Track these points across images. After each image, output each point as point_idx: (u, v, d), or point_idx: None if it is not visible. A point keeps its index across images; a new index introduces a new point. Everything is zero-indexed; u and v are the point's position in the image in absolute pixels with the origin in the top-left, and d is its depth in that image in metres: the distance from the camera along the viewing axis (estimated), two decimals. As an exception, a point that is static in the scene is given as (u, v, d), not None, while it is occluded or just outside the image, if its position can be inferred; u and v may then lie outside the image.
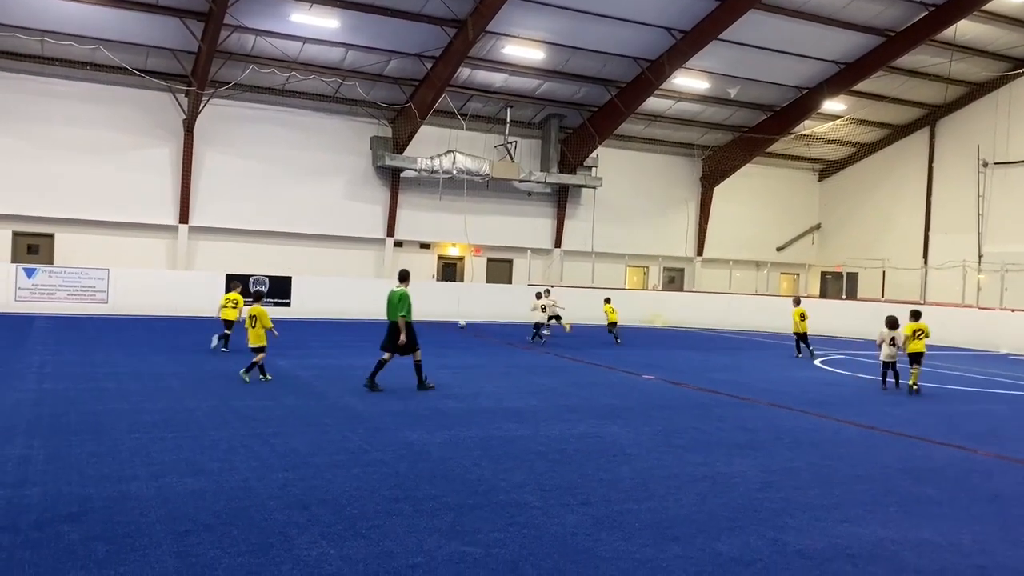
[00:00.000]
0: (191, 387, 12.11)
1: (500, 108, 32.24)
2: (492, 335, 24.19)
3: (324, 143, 30.65)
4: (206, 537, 5.66)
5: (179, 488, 6.80)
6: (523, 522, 6.29)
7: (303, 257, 30.37)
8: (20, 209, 26.45)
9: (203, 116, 27.99)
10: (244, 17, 24.75)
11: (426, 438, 9.16)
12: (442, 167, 30.94)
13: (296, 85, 28.84)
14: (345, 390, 12.40)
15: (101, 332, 20.05)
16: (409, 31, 26.49)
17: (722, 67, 30.38)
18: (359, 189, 31.48)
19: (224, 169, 29.15)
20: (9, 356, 14.78)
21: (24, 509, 6.06)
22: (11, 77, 26.16)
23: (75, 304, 25.38)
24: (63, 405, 10.23)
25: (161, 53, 26.34)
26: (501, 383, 14.05)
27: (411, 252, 32.82)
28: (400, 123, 30.94)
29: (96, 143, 27.34)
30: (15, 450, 7.80)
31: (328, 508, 6.43)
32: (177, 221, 28.53)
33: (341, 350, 18.06)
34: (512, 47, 28.10)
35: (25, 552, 5.22)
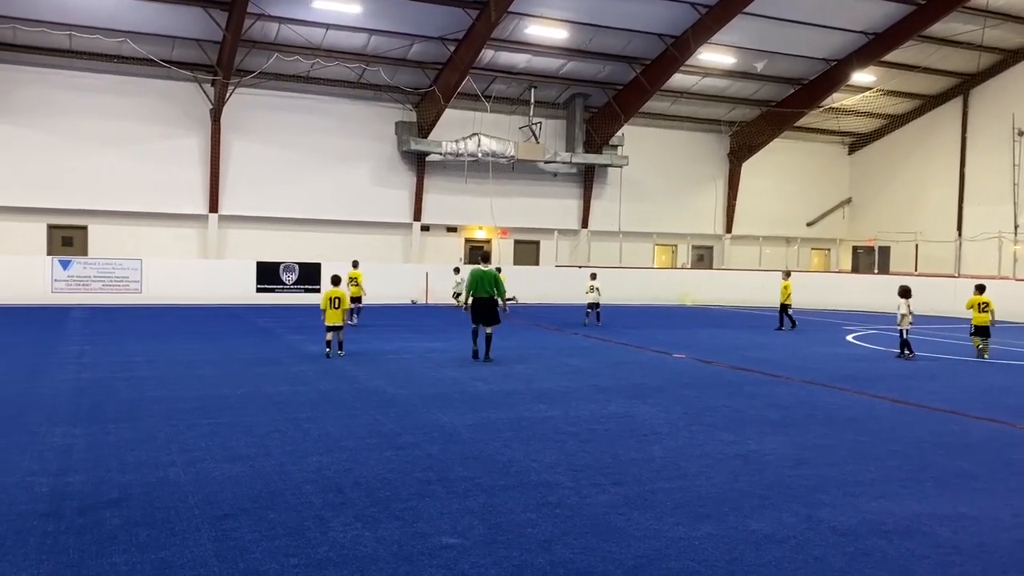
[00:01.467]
0: (225, 374, 12.28)
1: (524, 89, 32.09)
2: (521, 317, 24.21)
3: (349, 129, 30.74)
4: (243, 521, 5.76)
5: (216, 473, 6.91)
6: (555, 502, 6.32)
7: (332, 243, 30.57)
8: (53, 202, 26.88)
9: (229, 105, 28.18)
10: (267, 5, 24.82)
11: (457, 420, 9.22)
12: (467, 150, 30.91)
13: (320, 72, 28.91)
14: (376, 374, 12.50)
15: (135, 321, 20.37)
16: (431, 14, 26.41)
17: (748, 41, 29.94)
18: (385, 174, 31.57)
19: (251, 157, 29.37)
20: (48, 347, 15.08)
21: (67, 496, 6.20)
22: (41, 72, 26.51)
23: (110, 295, 25.79)
24: (101, 394, 10.43)
25: (187, 44, 26.53)
26: (531, 364, 14.08)
27: (438, 236, 32.91)
28: (424, 107, 30.93)
29: (125, 135, 27.66)
30: (57, 439, 7.98)
31: (362, 491, 6.51)
32: (207, 210, 28.82)
33: (370, 334, 18.18)
34: (535, 27, 27.92)
35: (69, 538, 5.35)
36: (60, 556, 5.03)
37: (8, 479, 6.58)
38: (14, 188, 26.32)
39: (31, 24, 24.57)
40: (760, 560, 5.25)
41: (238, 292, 27.28)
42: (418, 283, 29.39)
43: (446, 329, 20.13)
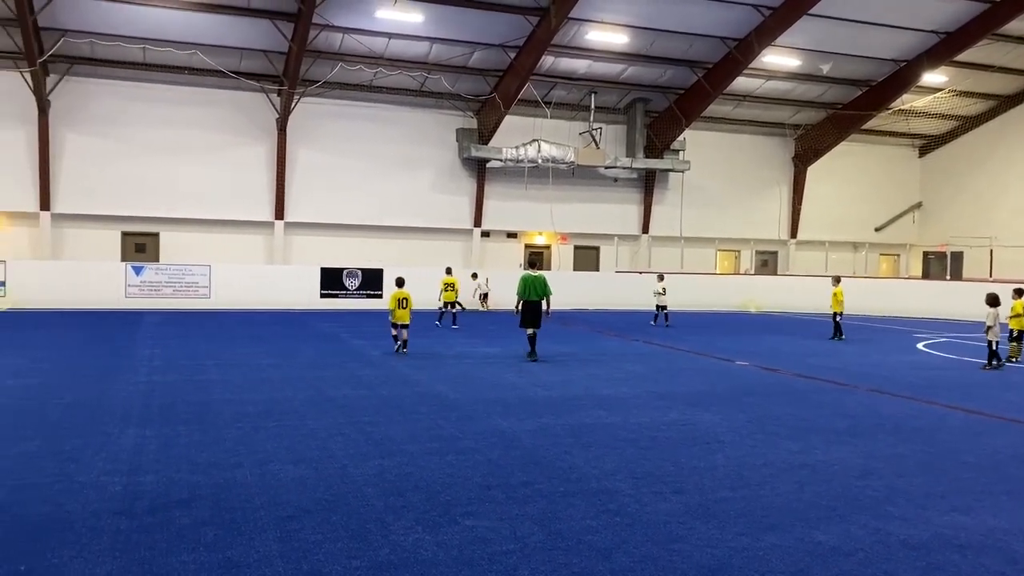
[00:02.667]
0: (289, 378, 12.52)
1: (584, 95, 32.05)
2: (580, 323, 24.13)
3: (411, 136, 31.11)
4: (307, 522, 5.86)
5: (281, 475, 7.05)
6: (615, 510, 6.27)
7: (393, 249, 30.96)
8: (127, 210, 27.83)
9: (295, 114, 28.80)
10: (332, 16, 25.31)
11: (517, 426, 9.23)
12: (527, 156, 31.00)
13: (383, 80, 29.34)
14: (436, 378, 12.60)
15: (204, 326, 20.92)
16: (492, 22, 26.59)
17: (813, 43, 29.36)
18: (446, 181, 31.85)
19: (316, 165, 29.95)
20: (122, 350, 15.59)
21: (139, 495, 6.39)
22: (117, 84, 27.50)
23: (180, 300, 26.55)
24: (171, 396, 10.74)
25: (254, 55, 27.21)
26: (590, 370, 14.01)
27: (498, 242, 33.05)
28: (485, 114, 31.13)
29: (195, 144, 28.49)
30: (129, 439, 8.24)
31: (422, 494, 6.56)
32: (273, 217, 29.48)
33: (430, 339, 18.33)
34: (595, 32, 27.86)
35: (141, 535, 5.51)
36: (132, 553, 5.19)
37: (84, 478, 6.82)
38: (91, 196, 27.33)
39: (107, 38, 25.51)
40: (827, 573, 5.12)
41: (303, 297, 27.81)
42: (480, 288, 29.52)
43: (504, 334, 20.16)
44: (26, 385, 11.37)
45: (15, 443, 7.93)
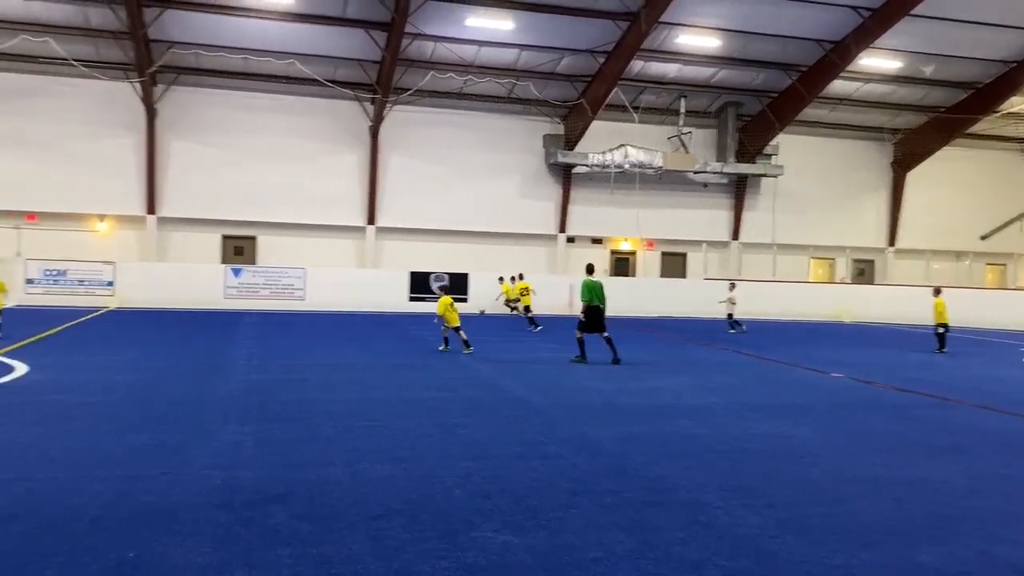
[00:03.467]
0: (380, 379, 12.77)
1: (674, 99, 31.69)
2: (667, 330, 23.84)
3: (498, 143, 31.36)
4: (397, 521, 5.96)
5: (372, 474, 7.20)
6: (705, 522, 6.17)
7: (479, 254, 31.25)
8: (227, 214, 28.93)
9: (387, 122, 29.43)
10: (424, 25, 25.76)
11: (602, 433, 9.18)
12: (614, 161, 30.84)
13: (472, 88, 29.69)
14: (521, 383, 12.64)
15: (299, 327, 21.55)
16: (581, 27, 26.59)
17: (915, 44, 28.28)
18: (532, 186, 31.97)
19: (406, 172, 30.51)
20: (221, 349, 16.20)
21: (237, 490, 6.63)
22: (219, 93, 28.65)
23: (276, 301, 27.45)
24: (268, 394, 11.09)
25: (349, 64, 27.94)
26: (678, 379, 13.82)
27: (583, 247, 32.96)
28: (572, 119, 31.13)
29: (292, 151, 29.41)
30: (228, 436, 8.55)
31: (509, 498, 6.59)
32: (365, 222, 30.17)
33: (515, 344, 18.41)
34: (686, 36, 27.54)
35: (239, 529, 5.71)
36: (232, 546, 5.38)
37: (186, 471, 7.11)
38: (194, 201, 28.53)
39: (211, 49, 26.62)
40: (929, 596, 4.91)
41: (392, 300, 28.36)
42: (562, 294, 29.51)
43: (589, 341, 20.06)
44: (134, 381, 11.94)
45: (125, 436, 8.33)
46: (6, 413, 9.24)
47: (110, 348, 15.73)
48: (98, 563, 5.01)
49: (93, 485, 6.58)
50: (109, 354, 14.82)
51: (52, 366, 12.98)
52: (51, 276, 26.20)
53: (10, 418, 8.98)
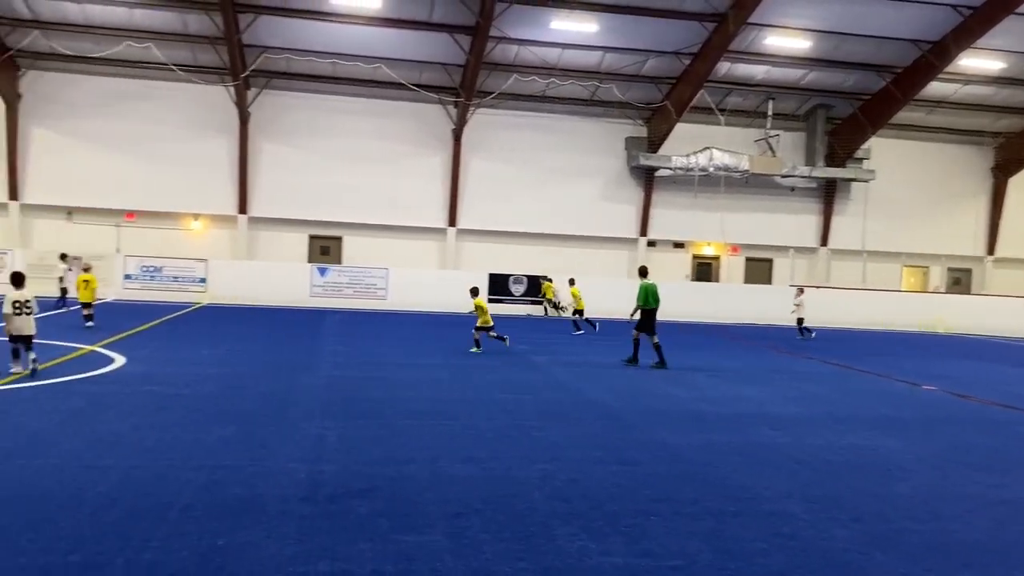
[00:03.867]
0: (459, 378, 12.89)
1: (761, 101, 31.03)
2: (750, 338, 23.34)
3: (580, 145, 31.27)
4: (475, 520, 6.00)
5: (451, 473, 7.26)
6: (788, 533, 6.01)
7: (559, 257, 31.21)
8: (314, 215, 29.68)
9: (469, 125, 29.70)
10: (508, 28, 25.91)
11: (683, 440, 9.04)
12: (698, 164, 30.37)
13: (555, 91, 29.70)
14: (599, 387, 12.56)
15: (381, 326, 21.93)
16: (667, 29, 26.31)
17: (1020, 44, 26.97)
18: (613, 189, 31.76)
19: (487, 174, 30.73)
20: (307, 346, 16.62)
21: (321, 484, 6.78)
22: (308, 97, 29.43)
23: (359, 300, 28.03)
24: (351, 391, 11.32)
25: (433, 68, 28.31)
26: (761, 388, 13.51)
27: (664, 251, 32.57)
28: (655, 122, 30.81)
29: (377, 154, 29.97)
30: (312, 430, 8.76)
31: (587, 503, 6.56)
32: (446, 224, 30.51)
33: (594, 347, 18.31)
34: (775, 37, 26.94)
35: (323, 522, 5.84)
36: (316, 538, 5.51)
37: (273, 464, 7.31)
38: (284, 202, 29.37)
39: (302, 54, 27.37)
40: (1030, 622, 4.67)
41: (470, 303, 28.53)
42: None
43: (669, 347, 19.82)
44: (223, 375, 12.35)
45: (216, 428, 8.63)
46: (104, 403, 9.68)
47: (201, 342, 16.32)
48: (189, 549, 5.20)
49: (185, 474, 6.84)
50: (200, 348, 15.38)
51: (147, 359, 13.54)
52: (148, 272, 27.35)
53: (108, 408, 9.41)
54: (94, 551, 5.09)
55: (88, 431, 8.22)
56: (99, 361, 12.95)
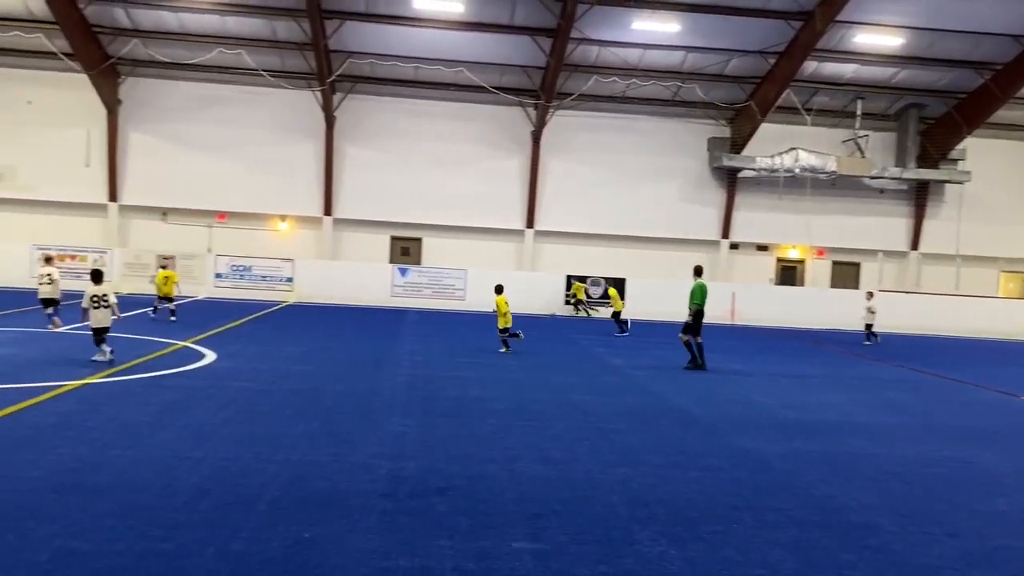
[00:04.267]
0: (536, 380, 12.91)
1: (849, 100, 30.12)
2: (836, 343, 22.67)
3: (660, 147, 30.93)
4: (555, 522, 6.00)
5: (529, 473, 7.29)
6: (877, 547, 5.82)
7: (637, 259, 30.93)
8: (396, 216, 30.17)
9: (549, 126, 29.71)
10: (589, 29, 25.83)
11: (765, 448, 8.85)
12: (783, 165, 29.66)
13: (635, 91, 29.46)
14: (680, 391, 12.40)
15: (459, 326, 22.14)
16: (751, 28, 25.80)
17: None
18: (694, 191, 31.30)
19: (566, 176, 30.67)
20: (387, 345, 16.91)
21: (401, 480, 6.90)
22: (391, 100, 29.92)
23: (438, 300, 28.35)
24: (430, 389, 11.47)
25: (513, 70, 28.43)
26: (848, 395, 13.10)
27: (747, 254, 31.93)
28: (739, 122, 30.25)
29: (456, 156, 30.26)
30: (393, 427, 8.91)
31: (667, 508, 6.49)
32: (524, 226, 30.58)
33: (672, 351, 18.06)
34: (865, 35, 26.12)
35: (404, 518, 5.94)
36: (397, 534, 5.61)
37: (355, 459, 7.47)
38: (367, 204, 29.94)
39: (385, 59, 27.86)
40: None
41: (548, 303, 28.59)
42: (724, 302, 28.72)
43: (751, 352, 19.44)
44: (308, 371, 12.68)
45: (300, 423, 8.86)
46: (196, 397, 10.05)
47: (288, 340, 16.78)
48: (278, 540, 5.36)
49: (272, 467, 7.05)
50: (287, 345, 15.81)
51: (237, 355, 13.99)
52: (237, 271, 28.26)
53: (201, 402, 9.76)
54: (187, 539, 5.30)
55: (181, 424, 8.55)
56: (191, 356, 13.45)
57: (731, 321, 28.41)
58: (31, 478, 6.40)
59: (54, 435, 7.74)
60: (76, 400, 9.48)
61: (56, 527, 5.38)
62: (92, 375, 11.04)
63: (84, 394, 9.86)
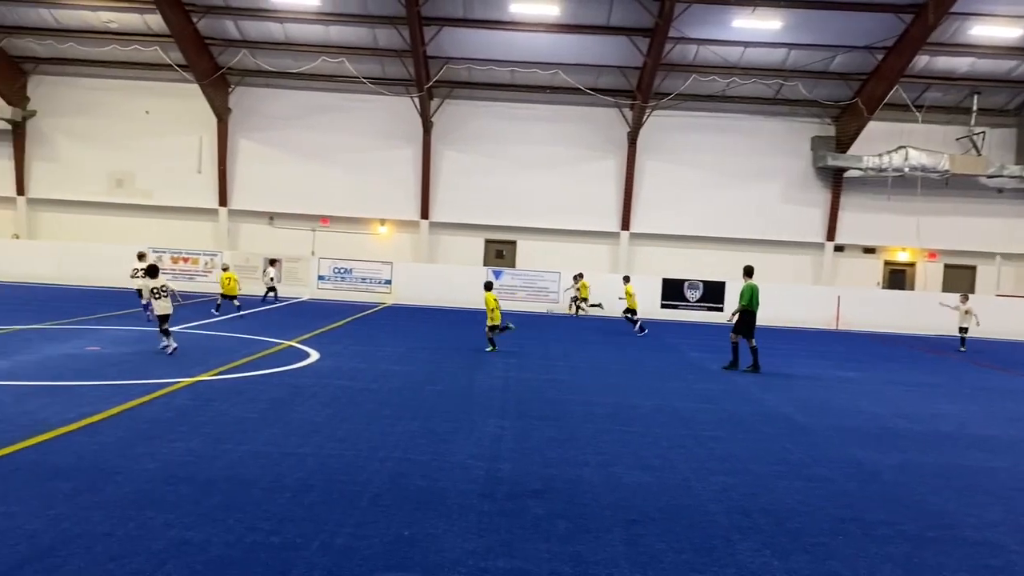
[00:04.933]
0: (633, 385, 12.76)
1: (964, 96, 28.67)
2: (951, 350, 21.59)
3: (761, 146, 30.16)
4: (652, 529, 5.92)
5: (626, 479, 7.21)
6: (999, 566, 5.50)
7: (736, 262, 30.09)
8: (490, 219, 30.42)
9: (645, 127, 29.37)
10: (687, 28, 25.43)
11: (876, 458, 8.49)
12: (891, 164, 28.46)
13: (735, 90, 28.83)
14: (784, 399, 12.04)
15: (554, 329, 22.12)
16: (858, 22, 24.88)
17: None
18: (796, 191, 30.38)
19: (662, 177, 30.27)
20: (483, 347, 17.02)
21: (498, 481, 6.93)
22: (487, 105, 30.20)
23: (531, 303, 28.40)
24: (526, 392, 11.50)
25: (609, 71, 28.26)
26: (964, 405, 12.46)
27: (853, 257, 30.79)
28: (844, 120, 29.19)
29: (551, 159, 30.28)
30: (490, 429, 8.97)
31: (770, 518, 6.31)
32: (619, 228, 30.34)
33: (775, 357, 17.58)
34: (981, 27, 24.80)
35: (501, 519, 5.97)
36: (494, 535, 5.63)
37: (453, 459, 7.56)
38: (463, 208, 30.31)
39: (482, 63, 28.16)
40: None
41: (644, 307, 28.19)
42: (828, 307, 27.79)
43: (858, 358, 18.73)
44: (407, 371, 12.91)
45: (400, 422, 9.03)
46: (301, 394, 10.37)
47: (387, 340, 17.14)
48: (379, 536, 5.47)
49: (373, 464, 7.20)
50: (386, 346, 16.15)
51: (339, 354, 14.37)
52: (339, 273, 29.05)
53: (304, 399, 10.07)
54: (292, 533, 5.46)
55: (287, 420, 8.83)
56: (296, 355, 13.90)
57: (835, 326, 27.46)
58: (148, 470, 6.72)
59: (169, 429, 8.12)
60: (189, 396, 9.92)
61: (171, 517, 5.64)
62: (204, 372, 11.54)
63: (197, 390, 10.31)
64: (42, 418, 8.28)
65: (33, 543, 5.07)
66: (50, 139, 30.46)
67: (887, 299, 28.84)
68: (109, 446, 7.38)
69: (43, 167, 30.47)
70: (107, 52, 28.58)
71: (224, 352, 13.75)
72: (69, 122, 30.31)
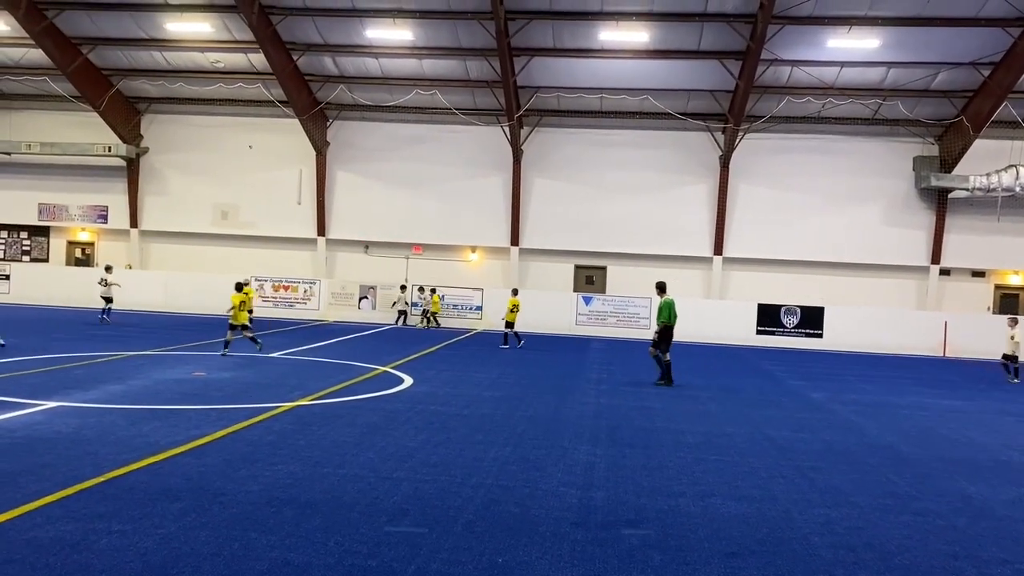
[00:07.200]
0: (728, 413, 12.50)
1: (1081, 110, 27.18)
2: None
3: (859, 167, 29.26)
4: (752, 562, 5.78)
5: (723, 510, 7.06)
6: None
7: (835, 287, 29.31)
8: (580, 245, 30.42)
9: (737, 150, 28.93)
10: (780, 50, 25.02)
11: (988, 493, 8.07)
12: (1001, 184, 27.13)
13: (831, 111, 28.11)
14: (887, 429, 11.58)
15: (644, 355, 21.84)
16: (961, 38, 23.97)
17: None
18: (898, 214, 29.30)
19: (755, 200, 29.69)
20: (574, 372, 17.02)
21: (592, 510, 6.89)
22: (576, 132, 30.34)
23: (621, 329, 28.20)
24: (617, 419, 11.41)
25: (700, 95, 28.01)
26: (1087, 438, 11.70)
27: (961, 280, 29.40)
28: (949, 139, 28.06)
29: (641, 184, 30.12)
30: (582, 456, 8.94)
31: (875, 553, 6.07)
32: (711, 253, 29.86)
33: (877, 385, 16.93)
34: (1098, 36, 23.53)
35: (595, 548, 5.93)
36: (588, 564, 5.60)
37: (545, 486, 7.56)
38: (552, 234, 30.43)
39: (571, 91, 28.34)
40: None
41: (738, 333, 27.68)
42: (934, 333, 26.59)
43: (967, 387, 17.85)
44: (497, 397, 13.00)
45: (492, 448, 9.10)
46: (396, 420, 10.57)
47: (478, 366, 17.30)
48: (473, 563, 5.52)
49: (466, 491, 7.27)
50: (478, 372, 16.31)
51: (432, 380, 14.59)
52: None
53: (399, 425, 10.26)
54: (390, 557, 5.57)
55: (382, 445, 9.02)
56: (391, 381, 14.19)
57: (943, 354, 26.26)
58: (251, 491, 6.97)
59: (271, 452, 8.40)
60: (290, 420, 10.24)
61: (273, 539, 5.83)
62: (303, 397, 11.91)
63: (297, 414, 10.64)
64: (153, 440, 8.70)
65: (145, 561, 5.32)
66: (161, 174, 32.15)
67: (999, 325, 27.37)
68: (214, 468, 7.69)
69: (154, 201, 32.16)
70: (213, 91, 30.09)
71: (322, 378, 14.16)
72: (178, 158, 31.95)
